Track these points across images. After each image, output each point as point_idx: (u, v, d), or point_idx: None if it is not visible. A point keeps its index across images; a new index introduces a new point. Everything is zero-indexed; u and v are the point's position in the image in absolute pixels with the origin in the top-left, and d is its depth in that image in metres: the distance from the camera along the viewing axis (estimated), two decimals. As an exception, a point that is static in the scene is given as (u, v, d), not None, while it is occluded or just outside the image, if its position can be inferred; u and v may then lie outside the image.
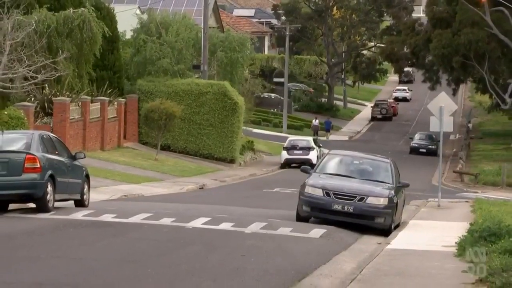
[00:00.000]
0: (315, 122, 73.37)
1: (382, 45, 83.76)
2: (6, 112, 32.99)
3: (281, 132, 68.53)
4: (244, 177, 44.91)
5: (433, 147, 59.76)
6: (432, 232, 19.74)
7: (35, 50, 32.57)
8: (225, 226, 19.00)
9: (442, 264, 14.29)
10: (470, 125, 77.01)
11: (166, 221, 19.29)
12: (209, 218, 20.09)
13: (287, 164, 50.52)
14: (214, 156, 49.01)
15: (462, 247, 15.56)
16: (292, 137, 57.07)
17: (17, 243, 14.37)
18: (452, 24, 64.12)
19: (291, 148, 52.23)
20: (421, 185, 35.96)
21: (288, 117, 73.29)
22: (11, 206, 20.53)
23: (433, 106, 28.06)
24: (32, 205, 20.20)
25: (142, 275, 12.21)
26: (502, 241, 14.87)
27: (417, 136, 66.41)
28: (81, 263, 13.08)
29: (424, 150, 63.02)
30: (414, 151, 63.95)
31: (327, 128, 74.00)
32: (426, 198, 30.44)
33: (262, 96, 74.79)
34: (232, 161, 49.90)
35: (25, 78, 32.62)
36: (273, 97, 78.65)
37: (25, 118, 33.70)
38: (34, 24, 33.55)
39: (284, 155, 52.04)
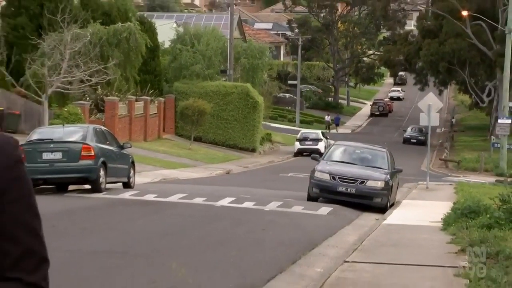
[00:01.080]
0: (327, 118, 73.98)
1: (379, 53, 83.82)
2: (66, 109, 33.23)
3: (294, 126, 68.43)
4: (263, 163, 44.92)
5: (423, 138, 59.55)
6: (421, 210, 19.74)
7: (89, 57, 32.67)
8: (248, 204, 19.07)
9: (430, 236, 14.32)
10: (453, 120, 76.85)
11: (198, 200, 19.37)
12: (234, 198, 20.15)
13: (299, 153, 50.45)
14: (238, 146, 49.08)
15: (447, 222, 15.60)
16: (303, 130, 56.98)
17: (76, 218, 14.50)
18: (439, 35, 64.11)
19: (303, 140, 52.21)
20: (412, 170, 35.87)
21: (300, 113, 73.28)
22: (70, 187, 20.71)
23: (422, 104, 28.07)
24: (87, 186, 20.38)
25: (179, 246, 12.31)
26: (481, 217, 14.88)
27: (409, 129, 66.44)
28: (129, 234, 13.19)
29: (415, 141, 62.90)
30: (407, 141, 63.96)
31: (336, 122, 74.49)
32: (416, 182, 30.35)
33: (278, 96, 74.77)
34: (253, 150, 49.97)
35: (82, 81, 32.77)
36: (287, 96, 78.61)
37: (82, 114, 33.92)
38: (89, 36, 33.67)
39: (297, 145, 52.02)
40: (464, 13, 57.71)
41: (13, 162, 1.92)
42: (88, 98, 36.97)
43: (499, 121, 43.36)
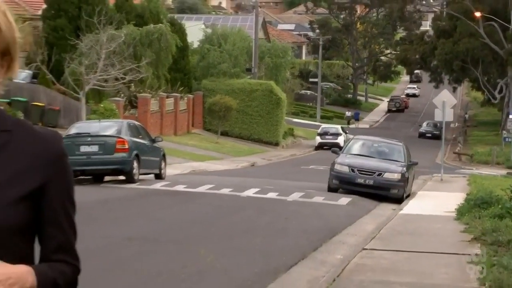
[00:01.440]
0: (348, 113, 74.07)
1: (396, 52, 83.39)
2: (102, 105, 33.39)
3: (315, 121, 68.22)
4: (286, 156, 44.89)
5: (437, 132, 59.14)
6: (436, 200, 19.65)
7: (124, 57, 32.81)
8: (272, 195, 19.08)
9: (445, 225, 14.25)
10: (466, 115, 76.39)
11: (225, 191, 19.40)
12: (259, 189, 20.16)
13: (320, 147, 50.35)
14: (262, 140, 49.06)
15: (460, 212, 15.53)
16: (324, 125, 56.87)
17: (111, 207, 14.58)
18: (453, 35, 63.68)
19: (323, 134, 52.10)
20: (427, 163, 35.69)
21: (321, 109, 73.03)
22: (106, 178, 20.81)
23: (437, 101, 27.93)
24: (122, 177, 20.45)
25: (207, 233, 12.35)
26: (492, 207, 14.81)
27: (424, 124, 66.13)
28: (160, 222, 13.26)
29: (430, 135, 62.52)
30: (422, 135, 63.60)
31: (356, 118, 74.36)
32: (431, 174, 30.21)
33: (300, 93, 74.69)
34: (276, 144, 49.94)
35: (116, 79, 32.92)
36: (309, 93, 78.47)
37: (116, 110, 34.08)
38: (123, 37, 33.78)
39: (318, 139, 51.91)
40: (477, 14, 57.61)
41: (58, 155, 1.94)
42: (122, 95, 37.13)
43: (510, 116, 43.18)
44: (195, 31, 51.79)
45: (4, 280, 1.76)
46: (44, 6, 39.69)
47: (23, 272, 1.81)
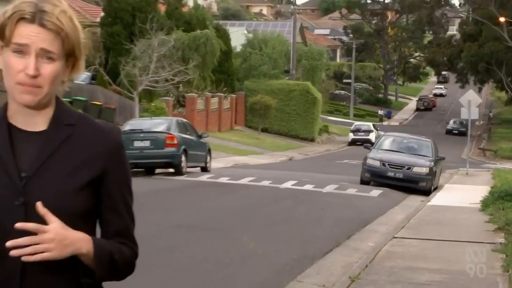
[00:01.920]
0: (381, 112, 73.80)
1: (425, 54, 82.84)
2: (153, 104, 33.68)
3: (348, 119, 67.86)
4: (321, 152, 44.79)
5: (463, 129, 58.54)
6: (462, 193, 19.41)
7: (173, 60, 33.01)
8: (308, 187, 19.06)
9: (470, 216, 14.09)
10: (491, 114, 75.24)
11: (265, 183, 19.44)
12: (296, 181, 20.16)
13: (353, 143, 50.06)
14: (299, 136, 49.01)
15: (485, 204, 15.34)
16: (357, 123, 56.53)
17: (161, 197, 14.70)
18: (478, 39, 63.03)
19: (356, 131, 51.83)
20: (453, 158, 35.28)
21: (354, 108, 72.64)
22: (157, 170, 20.97)
23: (463, 100, 27.61)
24: (171, 170, 20.61)
25: (249, 221, 12.37)
26: (516, 199, 14.68)
27: (451, 122, 65.42)
28: (206, 211, 13.32)
29: (457, 132, 61.77)
30: (449, 132, 62.89)
31: (388, 116, 73.99)
32: (457, 168, 29.87)
33: (334, 92, 74.45)
34: (312, 140, 49.85)
35: (166, 80, 33.13)
36: (342, 93, 78.12)
37: (166, 109, 34.32)
38: (173, 42, 33.97)
39: (351, 136, 51.67)
40: (502, 19, 57.00)
41: (117, 147, 1.96)
42: (171, 95, 37.36)
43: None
44: (238, 36, 51.89)
45: (60, 239, 1.79)
46: (102, 14, 40.20)
47: (81, 238, 1.83)
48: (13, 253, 1.77)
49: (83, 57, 1.93)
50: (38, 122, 1.90)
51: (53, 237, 1.77)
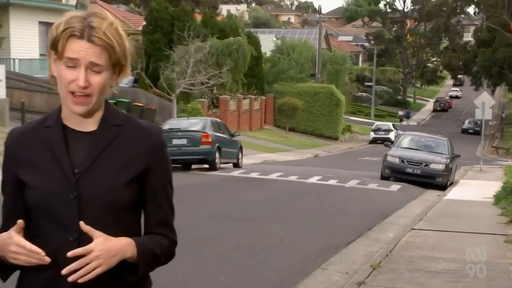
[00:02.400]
0: (401, 112, 73.42)
1: (441, 59, 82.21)
2: (190, 105, 33.79)
3: (369, 119, 67.48)
4: (344, 149, 44.62)
5: (478, 129, 58.13)
6: (476, 188, 19.21)
7: (208, 65, 33.15)
8: (332, 182, 19.01)
9: (484, 209, 13.93)
10: (503, 114, 74.35)
11: (292, 178, 19.44)
12: (321, 176, 20.12)
13: (374, 141, 49.80)
14: (324, 135, 48.85)
15: (498, 198, 15.17)
16: (377, 123, 56.20)
17: (197, 190, 14.76)
18: (492, 45, 62.44)
19: (376, 130, 51.56)
20: (468, 155, 34.92)
21: (374, 109, 72.28)
22: (193, 166, 21.07)
23: (478, 102, 27.31)
24: (206, 166, 20.69)
25: (277, 213, 12.38)
26: (527, 194, 14.51)
27: (466, 122, 64.84)
28: (238, 203, 13.36)
29: (472, 131, 61.12)
30: (464, 132, 62.27)
31: (407, 116, 73.40)
32: (472, 165, 29.57)
33: (357, 95, 73.97)
34: (336, 138, 49.67)
35: (202, 83, 33.26)
36: (364, 95, 77.68)
37: (201, 109, 34.40)
38: (208, 48, 34.12)
39: (372, 134, 51.40)
40: None
41: (160, 145, 2.00)
42: (206, 97, 37.49)
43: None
44: (267, 42, 51.91)
45: (106, 253, 1.82)
46: (144, 23, 40.55)
47: (124, 244, 1.87)
48: (70, 279, 1.81)
49: (129, 63, 1.97)
50: (89, 123, 1.95)
51: (100, 254, 1.81)
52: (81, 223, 1.83)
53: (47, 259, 1.81)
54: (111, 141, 1.93)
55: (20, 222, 1.84)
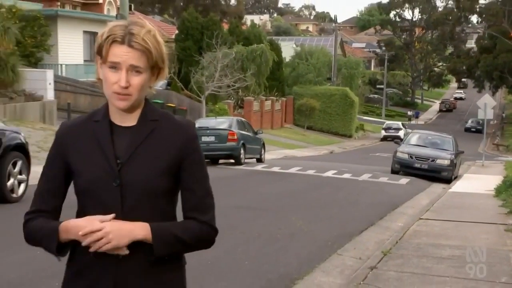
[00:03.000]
0: (410, 112, 73.05)
1: (447, 64, 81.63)
2: (217, 106, 33.91)
3: (381, 118, 67.11)
4: (357, 146, 44.43)
5: (480, 128, 57.66)
6: (478, 181, 19.01)
7: (234, 69, 33.19)
8: (346, 176, 18.93)
9: (485, 201, 13.77)
10: (504, 114, 73.64)
11: (310, 172, 19.39)
12: (336, 171, 20.04)
13: (384, 139, 49.54)
14: (339, 133, 48.70)
15: (498, 191, 15.00)
16: (388, 122, 55.87)
17: (224, 183, 14.78)
18: (493, 51, 61.87)
19: (387, 129, 51.25)
20: (471, 152, 34.57)
21: (385, 109, 71.88)
22: (220, 161, 21.11)
23: (480, 103, 27.04)
24: (232, 161, 20.73)
25: (296, 204, 12.36)
26: (525, 188, 14.33)
27: (469, 121, 64.30)
28: (261, 195, 13.36)
29: (474, 130, 60.59)
30: (467, 130, 61.72)
31: (416, 116, 72.96)
32: (474, 160, 29.27)
33: (369, 96, 73.69)
34: (350, 136, 49.47)
35: (228, 86, 33.33)
36: (376, 97, 77.25)
37: (228, 110, 34.51)
38: (233, 54, 34.17)
39: (383, 133, 51.11)
40: None
41: (192, 138, 2.04)
42: (232, 98, 37.57)
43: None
44: (288, 49, 51.88)
45: (116, 230, 1.87)
46: (176, 31, 40.73)
47: (136, 227, 1.90)
48: (91, 250, 1.89)
49: (166, 67, 2.01)
50: (130, 119, 2.00)
51: (109, 230, 1.86)
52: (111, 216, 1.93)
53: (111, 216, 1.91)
54: (148, 134, 1.97)
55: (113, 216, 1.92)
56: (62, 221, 1.96)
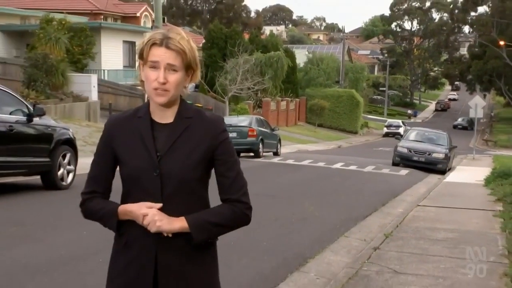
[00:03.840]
0: (409, 111, 72.65)
1: (441, 69, 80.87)
2: (239, 106, 33.88)
3: (383, 117, 66.59)
4: (362, 141, 44.17)
5: (466, 125, 59.23)
6: (469, 172, 18.79)
7: (253, 73, 33.21)
8: (353, 167, 18.83)
9: (476, 190, 13.61)
10: (492, 114, 72.83)
11: (321, 164, 19.32)
12: (344, 163, 19.96)
13: (386, 135, 49.20)
14: (346, 130, 48.43)
15: (487, 181, 14.83)
16: (389, 120, 55.45)
17: (244, 174, 14.78)
18: (483, 58, 61.21)
19: (389, 126, 50.91)
20: (463, 147, 34.21)
21: (387, 109, 71.34)
22: (242, 154, 21.10)
23: (471, 103, 26.68)
24: (251, 154, 20.73)
25: (308, 191, 12.32)
26: (511, 178, 14.15)
27: (459, 119, 64.05)
28: (277, 184, 13.34)
29: (460, 127, 60.57)
30: (455, 127, 60.73)
31: (415, 115, 72.51)
32: (466, 154, 28.94)
33: (373, 97, 73.24)
34: (356, 132, 49.17)
35: (248, 88, 33.35)
36: (379, 98, 76.69)
37: (248, 109, 34.47)
38: (253, 60, 34.17)
39: (385, 129, 50.80)
40: (501, 43, 55.67)
41: (222, 131, 2.07)
42: (252, 99, 37.55)
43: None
44: (301, 56, 51.67)
45: (153, 214, 1.93)
46: (203, 41, 40.77)
47: (172, 219, 1.95)
48: (152, 230, 1.94)
49: (199, 69, 2.04)
50: (168, 116, 2.03)
51: (156, 213, 1.93)
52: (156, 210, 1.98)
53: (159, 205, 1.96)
54: (184, 130, 2.00)
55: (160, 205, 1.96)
56: (119, 204, 2.02)
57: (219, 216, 2.00)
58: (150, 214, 1.92)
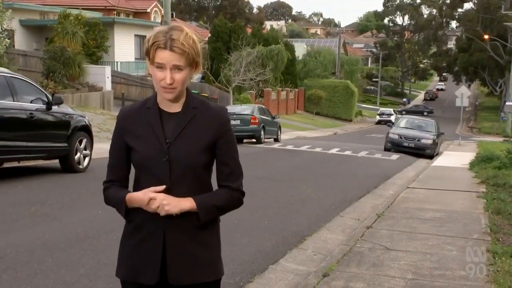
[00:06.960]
0: (403, 100, 72.50)
1: (430, 61, 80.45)
2: (242, 95, 33.78)
3: (376, 106, 66.43)
4: (356, 128, 44.07)
5: (427, 109, 59.34)
6: (456, 157, 18.76)
7: (255, 65, 33.02)
8: (348, 152, 18.81)
9: (462, 173, 13.59)
10: (477, 102, 72.62)
11: (318, 149, 19.29)
12: (339, 148, 19.93)
13: (379, 122, 49.08)
14: (341, 118, 48.31)
15: (472, 165, 14.81)
16: (382, 109, 55.26)
17: (247, 158, 14.77)
18: (469, 51, 61.07)
19: (381, 114, 50.79)
20: (450, 133, 34.13)
21: (380, 98, 71.08)
22: (244, 141, 21.09)
23: (458, 93, 26.63)
24: (254, 140, 20.70)
25: (306, 175, 12.32)
26: (493, 162, 14.16)
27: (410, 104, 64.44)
28: (277, 168, 13.33)
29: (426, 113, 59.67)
30: (409, 112, 60.87)
31: (408, 102, 72.44)
32: (452, 140, 28.88)
33: (366, 88, 72.99)
34: (350, 120, 49.06)
35: (251, 79, 33.20)
36: (372, 88, 76.39)
37: (250, 98, 34.37)
38: (255, 53, 33.94)
39: (377, 118, 50.66)
40: (486, 36, 55.59)
41: (225, 121, 2.06)
42: (254, 89, 37.41)
43: (507, 103, 41.20)
44: (300, 49, 51.40)
45: (168, 199, 1.93)
46: (209, 35, 40.53)
47: (182, 199, 1.95)
48: (161, 214, 1.94)
49: (201, 60, 2.03)
50: (175, 106, 2.03)
51: (164, 197, 1.92)
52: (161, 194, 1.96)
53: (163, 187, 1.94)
54: (190, 119, 2.00)
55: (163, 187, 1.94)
56: (128, 192, 2.02)
57: (221, 200, 2.02)
58: (158, 199, 1.92)
